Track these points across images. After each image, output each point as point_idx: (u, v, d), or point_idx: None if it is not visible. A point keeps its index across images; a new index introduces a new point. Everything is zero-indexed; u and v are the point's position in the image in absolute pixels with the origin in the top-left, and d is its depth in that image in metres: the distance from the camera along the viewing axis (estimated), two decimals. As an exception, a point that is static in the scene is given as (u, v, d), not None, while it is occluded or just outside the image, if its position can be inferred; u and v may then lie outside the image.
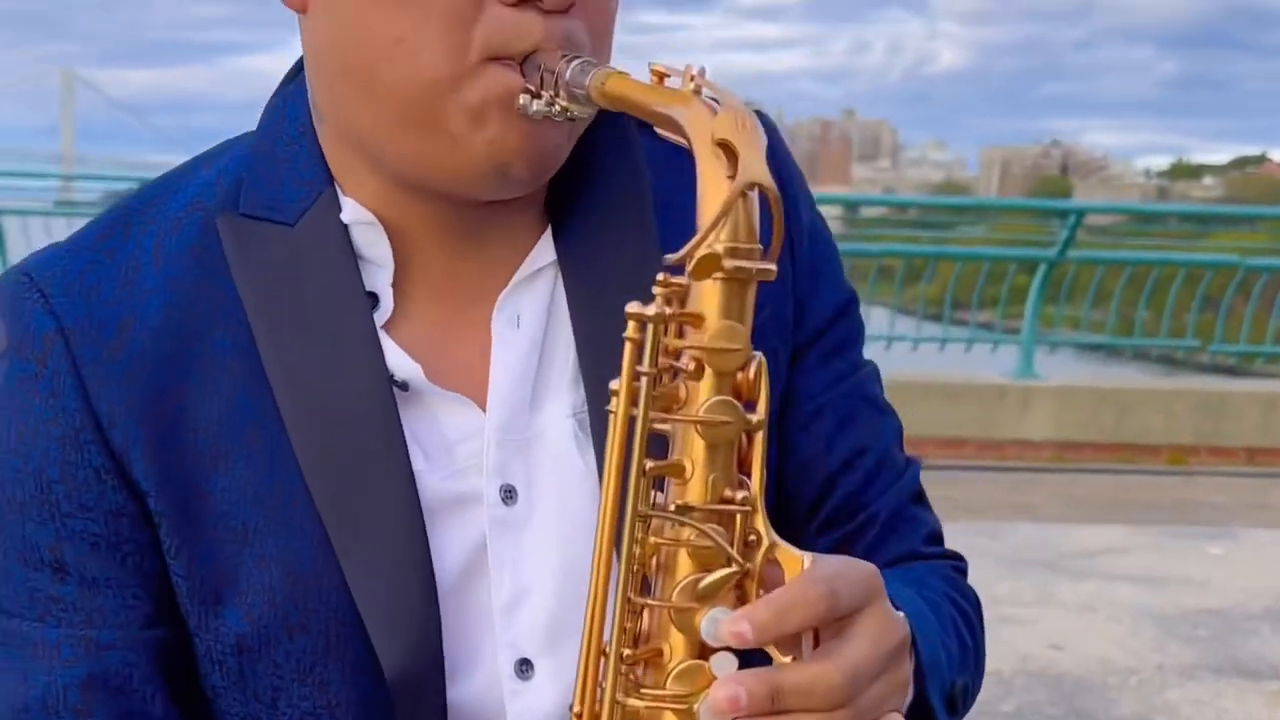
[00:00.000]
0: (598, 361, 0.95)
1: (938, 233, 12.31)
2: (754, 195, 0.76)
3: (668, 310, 0.76)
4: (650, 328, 0.75)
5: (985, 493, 7.39)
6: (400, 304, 0.96)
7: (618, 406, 0.76)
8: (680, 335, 0.77)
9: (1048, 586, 5.39)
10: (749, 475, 0.78)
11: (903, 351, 9.38)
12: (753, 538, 0.77)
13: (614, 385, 0.77)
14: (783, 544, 0.78)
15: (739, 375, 0.77)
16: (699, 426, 0.76)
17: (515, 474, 0.95)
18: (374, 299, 0.96)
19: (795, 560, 0.76)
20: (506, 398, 0.96)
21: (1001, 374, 8.98)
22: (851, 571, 0.78)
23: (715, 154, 0.77)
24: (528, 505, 0.95)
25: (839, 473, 1.03)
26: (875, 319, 9.53)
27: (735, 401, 0.77)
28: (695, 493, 0.76)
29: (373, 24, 0.89)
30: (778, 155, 1.01)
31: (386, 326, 0.95)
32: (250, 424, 0.92)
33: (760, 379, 0.77)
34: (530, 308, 0.97)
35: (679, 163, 0.85)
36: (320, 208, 0.95)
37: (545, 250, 0.98)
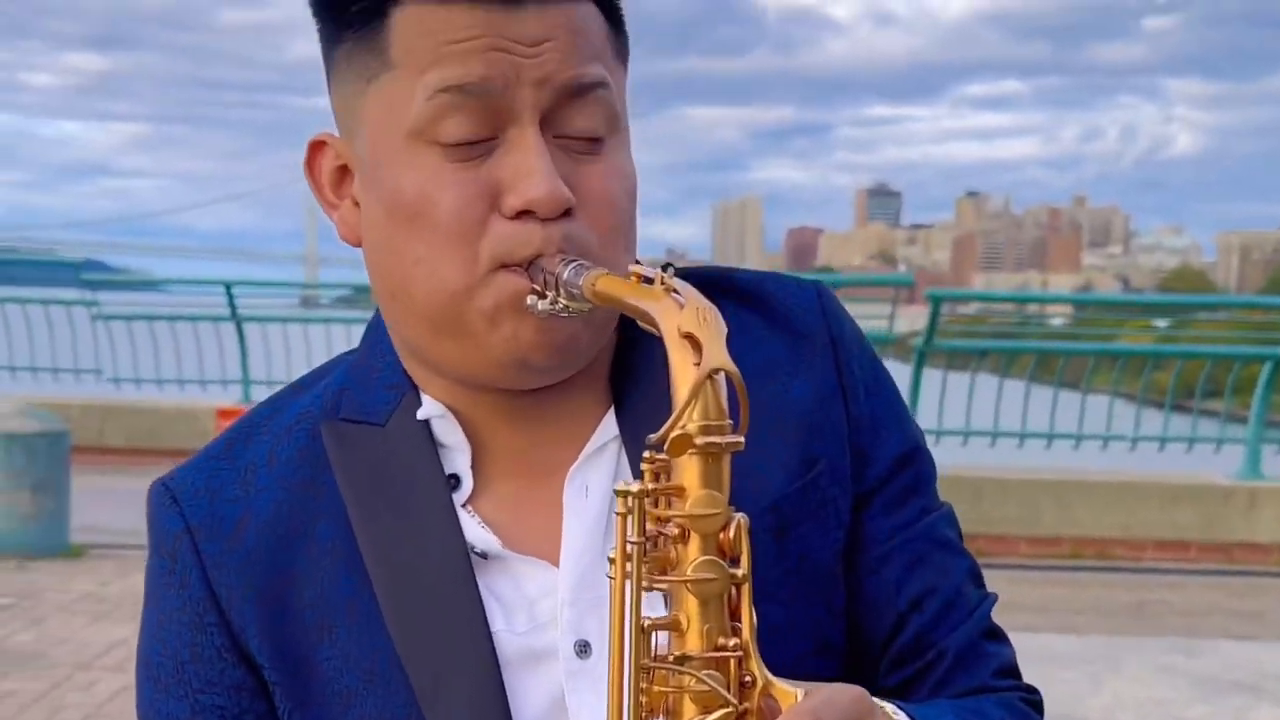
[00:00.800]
0: None
1: (1171, 318, 12.06)
2: (720, 378, 0.85)
3: (651, 486, 0.85)
4: (636, 502, 0.84)
5: (1209, 598, 7.17)
6: (480, 482, 1.07)
7: (615, 573, 0.85)
8: (668, 505, 0.85)
9: (1246, 712, 5.17)
10: (740, 623, 0.85)
11: (1121, 449, 9.18)
12: (748, 679, 0.85)
13: (611, 554, 0.85)
14: (777, 682, 0.85)
15: (721, 536, 0.85)
16: (689, 585, 0.84)
17: (589, 630, 1.02)
18: (456, 480, 1.06)
19: (789, 694, 0.84)
20: (578, 560, 1.03)
21: (1226, 474, 8.71)
22: (838, 696, 0.84)
23: (682, 345, 0.87)
24: (601, 658, 1.01)
25: (908, 612, 1.07)
26: (1094, 409, 9.36)
27: (719, 560, 0.85)
28: (692, 643, 0.84)
29: (399, 248, 1.01)
30: (830, 314, 1.10)
31: (468, 503, 1.06)
32: (348, 599, 1.04)
33: (740, 538, 0.85)
34: (597, 479, 1.05)
35: (733, 330, 0.93)
36: (404, 408, 1.07)
37: (609, 426, 1.07)
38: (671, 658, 0.85)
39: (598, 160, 1.01)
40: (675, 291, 0.90)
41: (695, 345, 0.86)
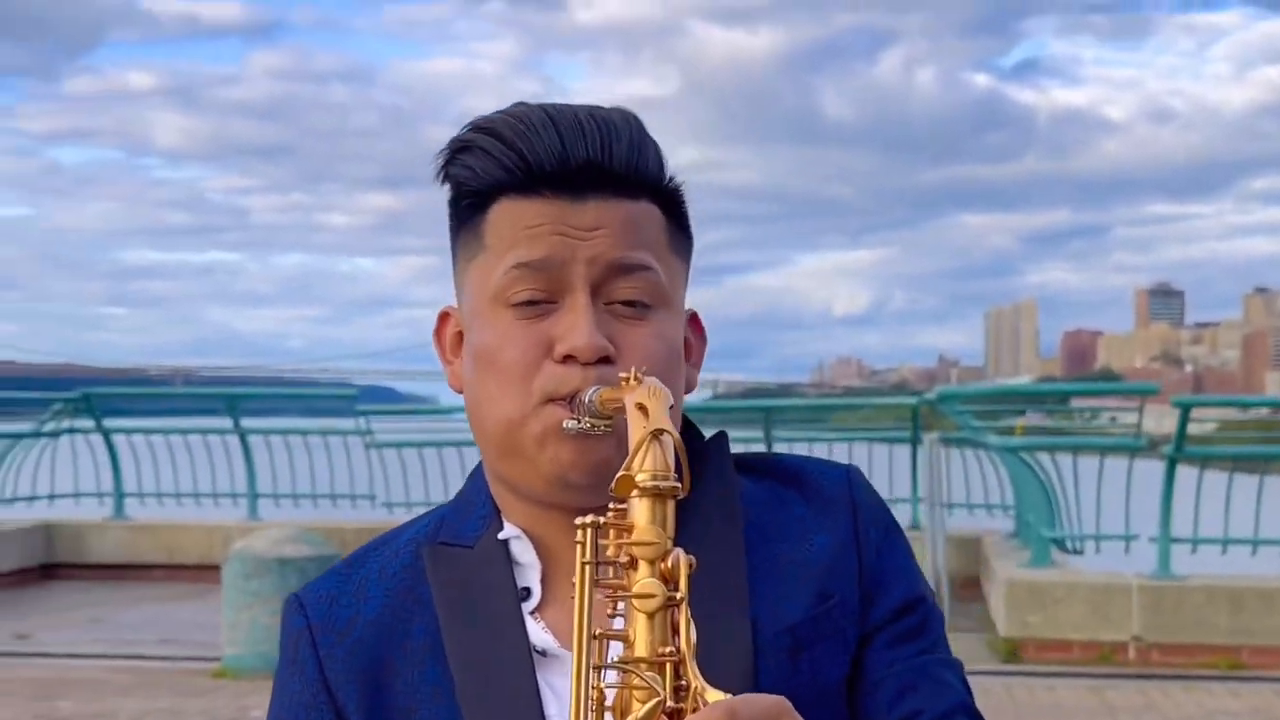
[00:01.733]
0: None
1: None
2: (665, 439, 1.08)
3: (601, 520, 1.07)
4: (590, 530, 1.07)
5: None
6: (548, 592, 1.28)
7: (576, 588, 1.07)
8: (620, 536, 1.06)
9: None
10: (679, 636, 1.05)
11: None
12: (684, 683, 1.04)
13: (574, 577, 1.07)
14: (709, 687, 1.03)
15: (663, 564, 1.05)
16: (634, 600, 1.05)
17: None
18: (527, 592, 1.28)
19: (719, 696, 1.01)
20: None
21: None
22: (757, 699, 1.02)
23: (637, 413, 1.10)
24: None
25: None
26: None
27: (659, 582, 1.05)
28: (639, 650, 1.05)
29: (478, 388, 1.26)
30: (854, 486, 1.32)
31: (536, 610, 1.28)
32: (433, 686, 1.26)
33: (679, 566, 1.05)
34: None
35: (771, 500, 1.27)
36: (490, 531, 1.30)
37: None
38: (619, 660, 1.05)
39: (642, 324, 1.25)
40: (639, 380, 1.14)
41: (646, 413, 1.09)
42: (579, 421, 1.20)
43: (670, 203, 1.31)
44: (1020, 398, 14.98)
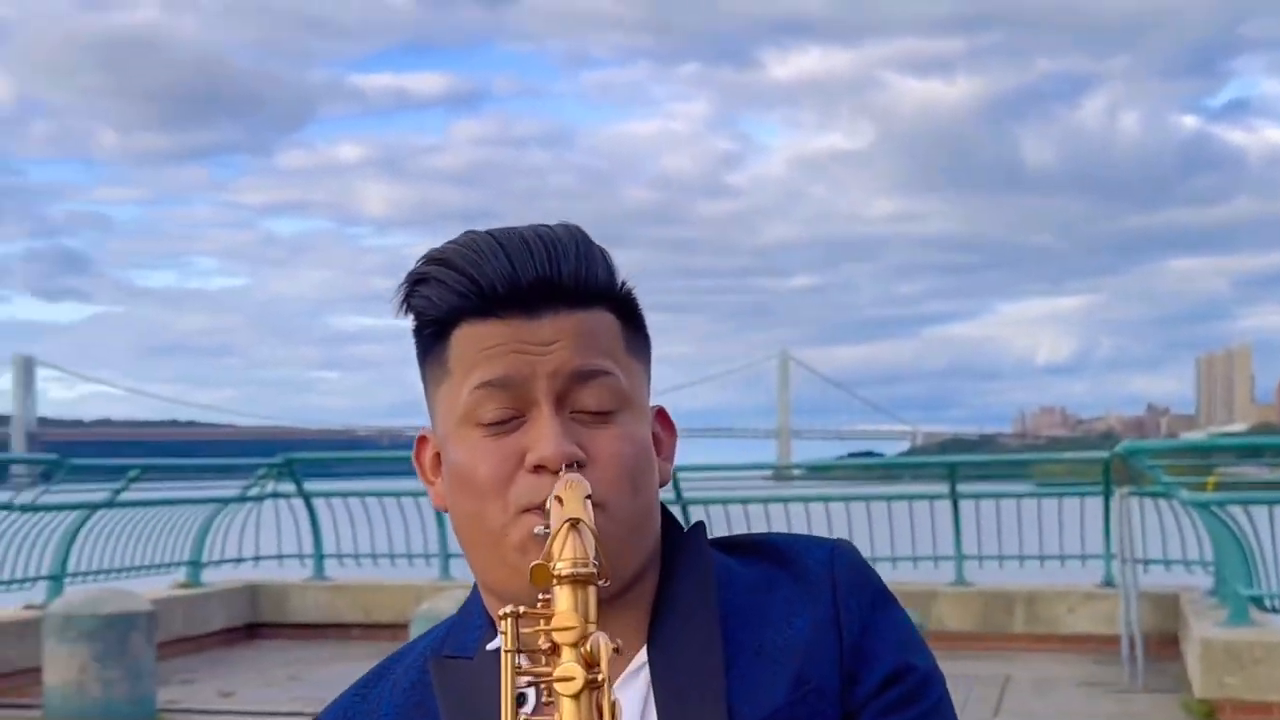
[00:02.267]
0: None
1: None
2: (581, 527, 1.11)
3: (522, 609, 1.10)
4: (511, 620, 1.10)
5: None
6: (542, 696, 1.29)
7: (503, 674, 1.10)
8: (542, 623, 1.10)
9: None
10: (602, 717, 1.08)
11: None
12: None
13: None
14: None
15: (583, 647, 1.08)
16: (556, 684, 1.08)
17: None
18: (523, 696, 1.26)
19: None
20: None
21: None
22: None
23: (555, 505, 1.14)
24: None
25: None
26: None
27: (580, 665, 1.08)
28: None
29: (459, 506, 1.31)
30: (836, 564, 1.31)
31: (533, 714, 1.25)
32: None
33: (599, 649, 1.08)
34: (630, 700, 1.27)
35: (760, 582, 1.27)
36: (485, 641, 1.34)
37: (644, 654, 1.31)
38: None
39: (608, 428, 1.28)
40: (558, 474, 1.20)
41: (562, 504, 1.14)
42: (545, 526, 1.23)
43: (624, 307, 1.35)
44: (1211, 452, 14.49)
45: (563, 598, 1.10)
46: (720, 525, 11.75)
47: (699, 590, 1.31)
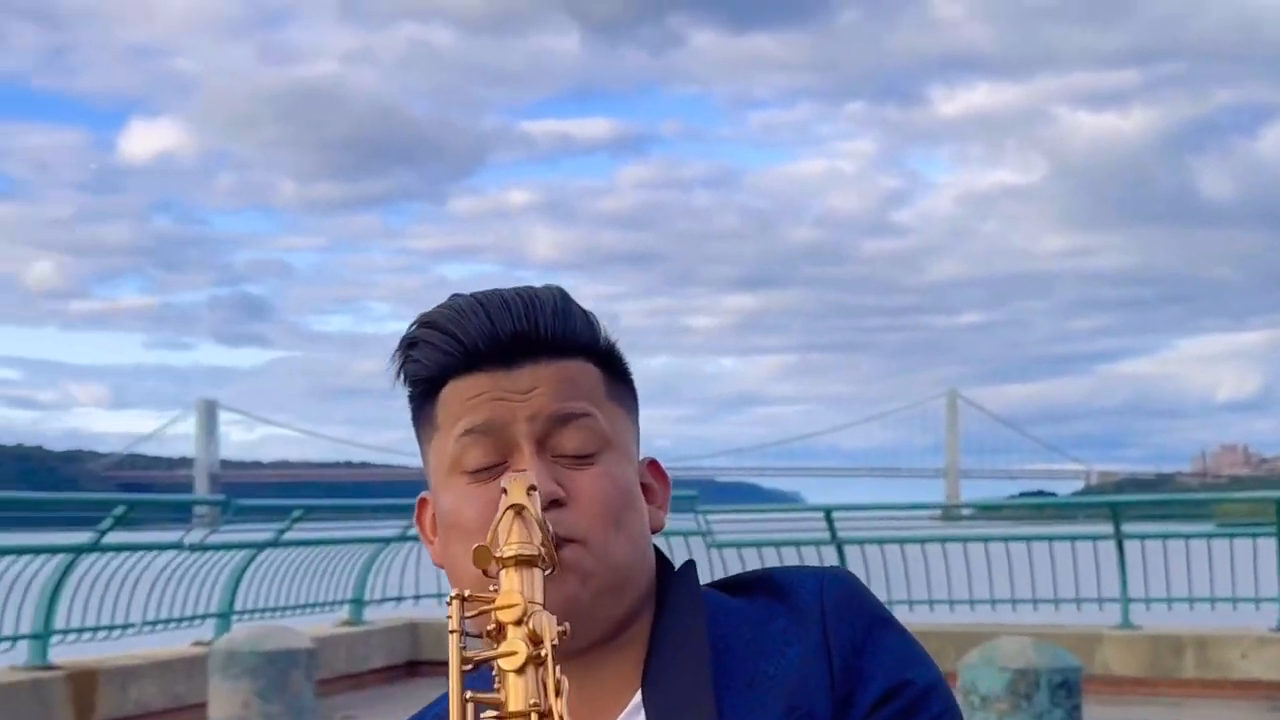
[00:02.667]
0: None
1: None
2: (525, 513, 1.16)
3: (467, 592, 1.13)
4: (457, 601, 1.13)
5: None
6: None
7: (450, 656, 1.12)
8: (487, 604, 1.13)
9: None
10: (547, 692, 1.09)
11: None
12: None
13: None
14: None
15: (527, 625, 1.11)
16: (500, 660, 1.10)
17: None
18: None
19: None
20: None
21: None
22: None
23: (502, 495, 1.18)
24: None
25: None
26: None
27: (524, 641, 1.10)
28: (511, 706, 1.10)
29: (448, 551, 1.33)
30: (826, 591, 1.30)
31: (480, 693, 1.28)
32: None
33: (543, 626, 1.10)
34: None
35: (760, 616, 1.28)
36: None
37: (639, 697, 1.32)
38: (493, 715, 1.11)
39: (589, 468, 1.32)
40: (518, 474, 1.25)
41: (506, 494, 1.18)
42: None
43: (607, 360, 1.39)
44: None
45: (507, 579, 1.14)
46: (893, 564, 11.57)
47: (690, 627, 1.32)
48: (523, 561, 1.15)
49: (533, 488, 1.20)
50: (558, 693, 1.11)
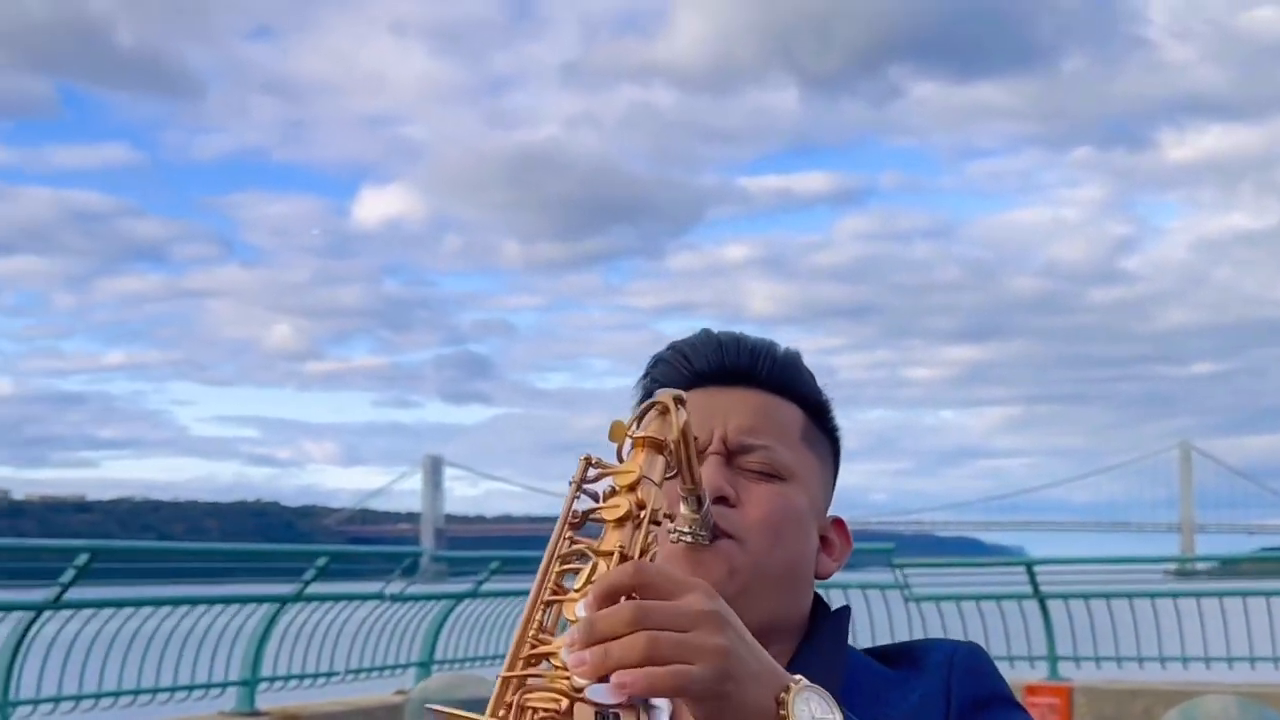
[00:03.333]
0: None
1: None
2: (670, 417, 1.25)
3: (594, 456, 1.24)
4: (583, 461, 1.24)
5: None
6: None
7: (564, 503, 1.23)
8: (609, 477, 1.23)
9: None
10: (636, 548, 1.18)
11: None
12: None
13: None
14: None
15: (637, 491, 1.20)
16: (603, 510, 1.20)
17: None
18: None
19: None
20: None
21: None
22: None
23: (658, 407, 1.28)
24: None
25: None
26: None
27: (627, 500, 1.20)
28: (604, 546, 1.18)
29: None
30: (957, 654, 1.43)
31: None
32: None
33: (651, 495, 1.20)
34: None
35: (880, 670, 1.43)
36: None
37: None
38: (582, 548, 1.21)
39: (766, 485, 1.48)
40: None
41: (667, 411, 1.28)
42: (679, 531, 1.39)
43: (815, 413, 1.57)
44: None
45: (633, 456, 1.25)
46: (1103, 619, 11.19)
47: (829, 664, 1.43)
48: (652, 444, 1.26)
49: (681, 400, 1.29)
50: (643, 551, 1.19)
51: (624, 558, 1.18)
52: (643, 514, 1.20)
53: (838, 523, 1.58)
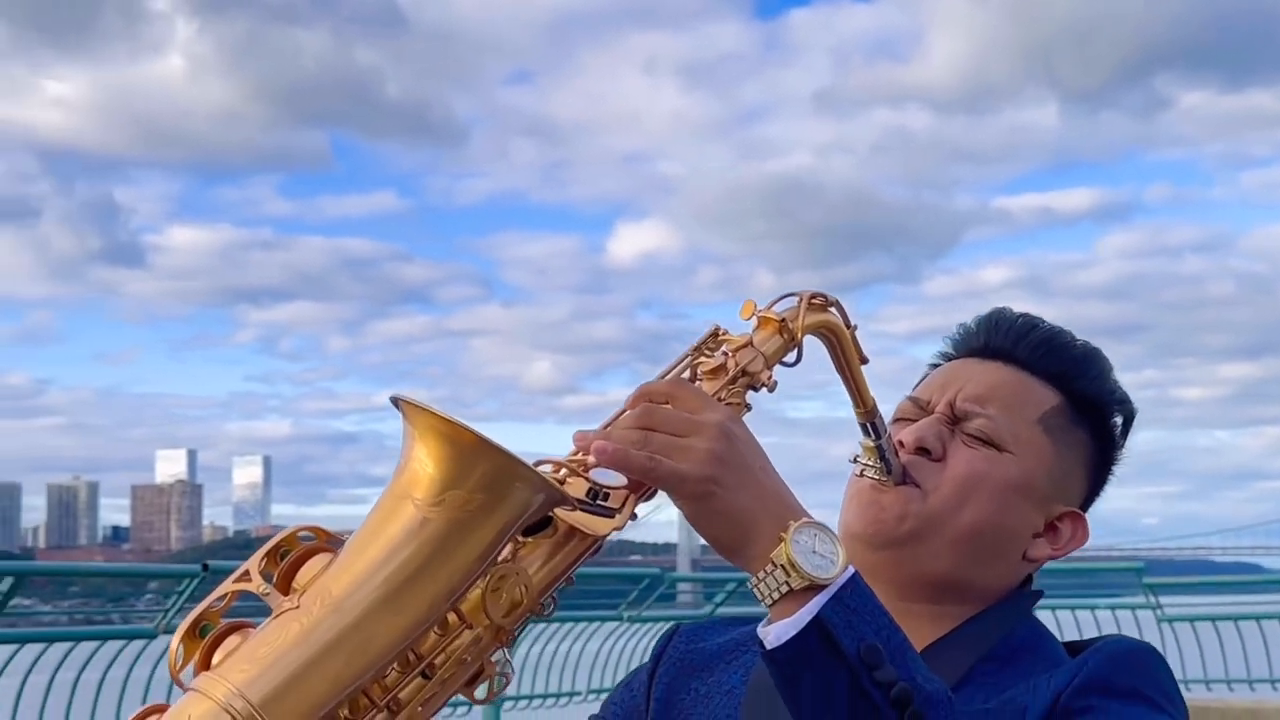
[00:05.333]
0: None
1: None
2: (815, 310, 1.33)
3: (722, 329, 1.31)
4: (708, 331, 1.31)
5: None
6: None
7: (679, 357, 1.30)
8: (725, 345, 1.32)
9: None
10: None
11: None
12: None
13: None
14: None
15: (739, 357, 1.29)
16: (698, 363, 1.29)
17: None
18: None
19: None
20: None
21: None
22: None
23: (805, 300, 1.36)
24: None
25: None
26: None
27: (735, 366, 1.28)
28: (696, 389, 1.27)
29: None
30: (1102, 655, 1.36)
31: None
32: (723, 695, 1.51)
33: (752, 370, 1.28)
34: None
35: (1050, 656, 1.41)
36: None
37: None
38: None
39: (976, 450, 1.48)
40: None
41: (815, 305, 1.36)
42: (865, 460, 1.44)
43: (1080, 404, 1.54)
44: None
45: (756, 331, 1.31)
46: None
47: (986, 633, 1.43)
48: (772, 323, 1.32)
49: (823, 302, 1.35)
50: (720, 398, 1.25)
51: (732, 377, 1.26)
52: (735, 372, 1.26)
53: (1074, 515, 1.54)
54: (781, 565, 1.15)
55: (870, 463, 1.43)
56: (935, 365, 1.63)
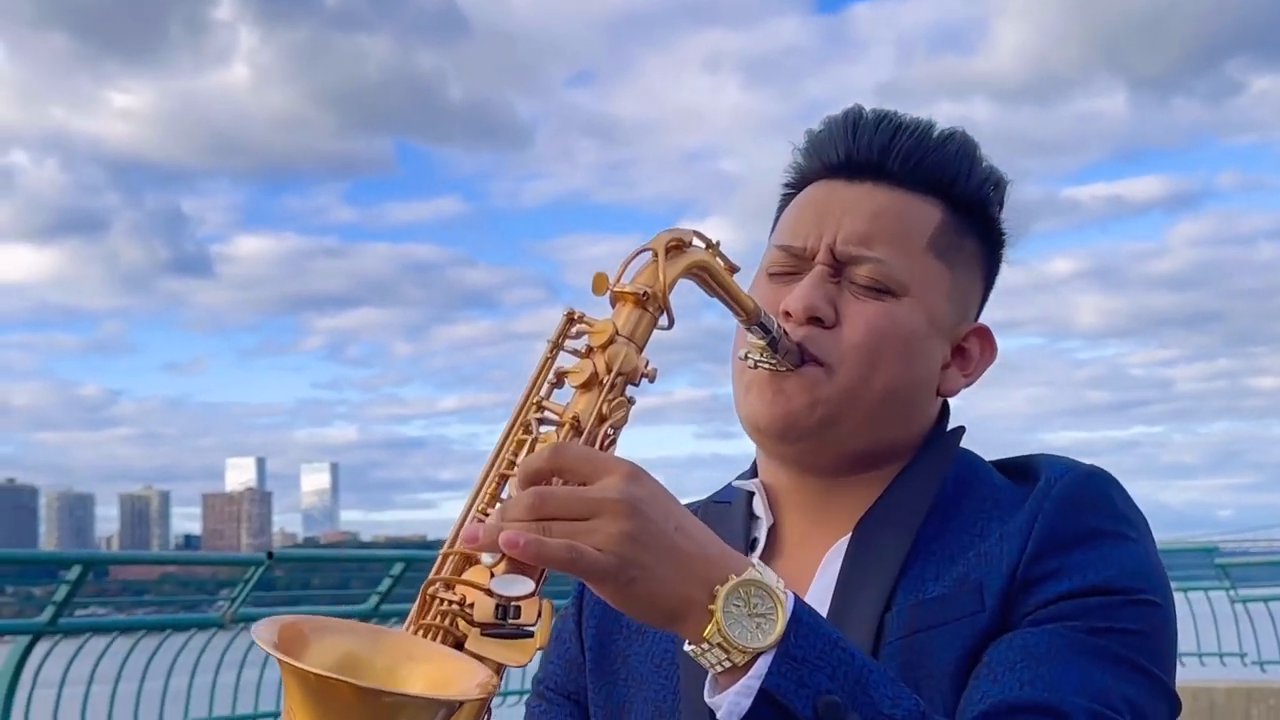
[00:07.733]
0: (844, 604, 1.29)
1: None
2: (662, 261, 1.21)
3: (580, 313, 1.22)
4: (564, 317, 1.22)
5: None
6: (770, 546, 1.39)
7: (540, 362, 1.22)
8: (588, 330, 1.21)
9: None
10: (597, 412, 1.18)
11: None
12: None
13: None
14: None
15: (607, 351, 1.18)
16: (570, 375, 1.19)
17: None
18: (755, 542, 1.39)
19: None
20: (815, 603, 1.27)
21: None
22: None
23: (657, 254, 1.23)
24: None
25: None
26: None
27: (601, 364, 1.18)
28: (565, 413, 1.19)
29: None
30: (1063, 481, 1.29)
31: (761, 558, 1.33)
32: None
33: (620, 356, 1.18)
34: (830, 572, 1.34)
35: (990, 489, 1.32)
36: (744, 490, 1.44)
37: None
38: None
39: (873, 303, 1.35)
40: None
41: (665, 254, 1.23)
42: (756, 357, 1.32)
43: (966, 212, 1.39)
44: None
45: (617, 311, 1.21)
46: None
47: (921, 489, 1.34)
48: (632, 299, 1.20)
49: (678, 244, 1.24)
50: (602, 418, 1.18)
51: (576, 427, 1.16)
52: (608, 378, 1.17)
53: (980, 331, 1.43)
54: (717, 644, 1.08)
55: (764, 359, 1.32)
56: (790, 191, 1.46)
